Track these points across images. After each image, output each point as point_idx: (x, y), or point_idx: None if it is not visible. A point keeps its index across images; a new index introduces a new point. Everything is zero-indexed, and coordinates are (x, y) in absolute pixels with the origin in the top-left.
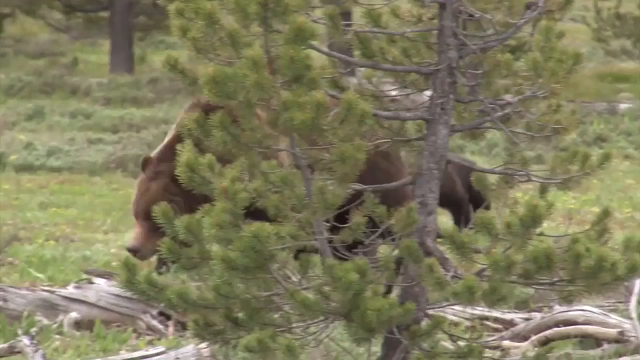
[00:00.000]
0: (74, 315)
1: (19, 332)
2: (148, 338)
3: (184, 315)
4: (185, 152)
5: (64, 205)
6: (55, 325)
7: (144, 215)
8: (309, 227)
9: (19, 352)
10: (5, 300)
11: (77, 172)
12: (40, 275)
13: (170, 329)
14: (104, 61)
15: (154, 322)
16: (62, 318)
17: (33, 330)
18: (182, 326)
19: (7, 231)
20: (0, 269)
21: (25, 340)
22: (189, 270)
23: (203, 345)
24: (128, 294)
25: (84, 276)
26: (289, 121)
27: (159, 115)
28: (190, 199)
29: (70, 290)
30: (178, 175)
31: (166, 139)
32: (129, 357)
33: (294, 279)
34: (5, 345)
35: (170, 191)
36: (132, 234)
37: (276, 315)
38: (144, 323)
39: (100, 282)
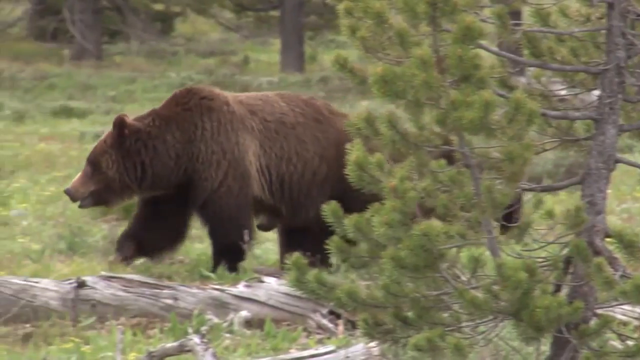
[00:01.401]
0: (244, 313)
1: (190, 330)
2: (318, 337)
3: (353, 314)
4: (355, 151)
5: None
6: (225, 324)
7: (87, 160)
8: (478, 226)
9: (189, 351)
10: (176, 299)
11: None
12: (210, 274)
13: (340, 327)
14: (275, 60)
15: (324, 321)
16: (233, 317)
17: (203, 328)
18: (352, 325)
19: None
20: (171, 267)
21: (196, 339)
22: (358, 269)
23: (373, 344)
24: (298, 292)
25: (254, 275)
26: (458, 120)
27: None
28: (123, 153)
29: (241, 289)
30: (118, 131)
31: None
32: (299, 355)
33: (463, 278)
34: (176, 343)
35: (107, 142)
36: None
37: (445, 315)
38: (314, 322)
39: (270, 280)
